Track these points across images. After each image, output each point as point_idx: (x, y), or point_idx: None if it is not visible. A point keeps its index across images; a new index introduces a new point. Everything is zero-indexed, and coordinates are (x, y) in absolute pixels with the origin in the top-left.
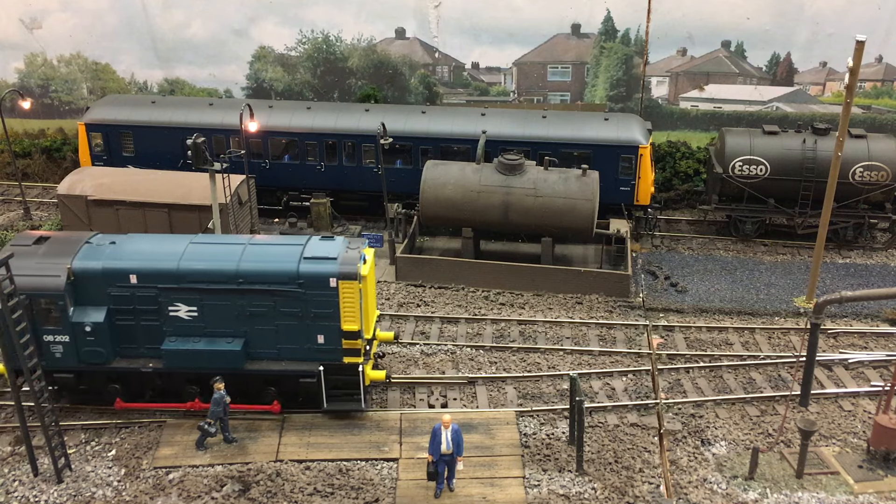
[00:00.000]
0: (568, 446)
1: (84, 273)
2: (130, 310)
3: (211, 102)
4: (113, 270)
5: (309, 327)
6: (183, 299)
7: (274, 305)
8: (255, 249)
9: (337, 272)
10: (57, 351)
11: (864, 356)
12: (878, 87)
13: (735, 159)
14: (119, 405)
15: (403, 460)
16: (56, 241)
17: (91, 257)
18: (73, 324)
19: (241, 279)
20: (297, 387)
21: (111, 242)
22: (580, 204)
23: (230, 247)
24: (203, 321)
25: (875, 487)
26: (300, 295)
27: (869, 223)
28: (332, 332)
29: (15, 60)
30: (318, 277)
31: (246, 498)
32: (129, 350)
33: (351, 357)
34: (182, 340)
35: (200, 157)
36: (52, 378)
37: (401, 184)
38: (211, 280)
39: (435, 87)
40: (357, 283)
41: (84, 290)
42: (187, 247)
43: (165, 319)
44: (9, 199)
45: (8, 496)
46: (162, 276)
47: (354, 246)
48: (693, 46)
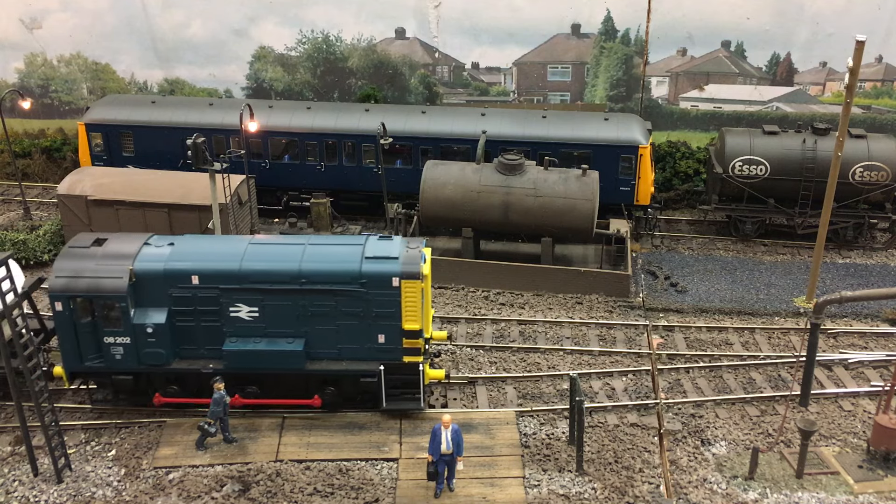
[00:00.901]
0: (568, 446)
1: (146, 274)
2: (191, 311)
3: (211, 102)
4: (175, 271)
5: (370, 327)
6: (244, 300)
7: (335, 305)
8: (315, 249)
9: (399, 271)
10: (117, 352)
11: (864, 356)
12: (878, 87)
13: (735, 159)
14: (158, 400)
15: (403, 460)
16: (114, 243)
17: (152, 259)
18: (135, 325)
19: (304, 279)
20: (356, 386)
21: (170, 244)
22: (580, 204)
23: (290, 247)
24: (264, 321)
25: (875, 487)
26: (362, 294)
27: (869, 223)
28: (393, 331)
29: (15, 60)
30: (380, 277)
31: (246, 498)
32: (188, 351)
33: (411, 356)
34: (243, 341)
35: (200, 157)
36: (111, 379)
37: (401, 184)
38: (273, 280)
39: (435, 87)
40: (419, 282)
41: (145, 291)
42: (247, 247)
43: (226, 320)
44: (9, 199)
45: (8, 496)
46: (224, 277)
47: (414, 245)
48: (693, 46)
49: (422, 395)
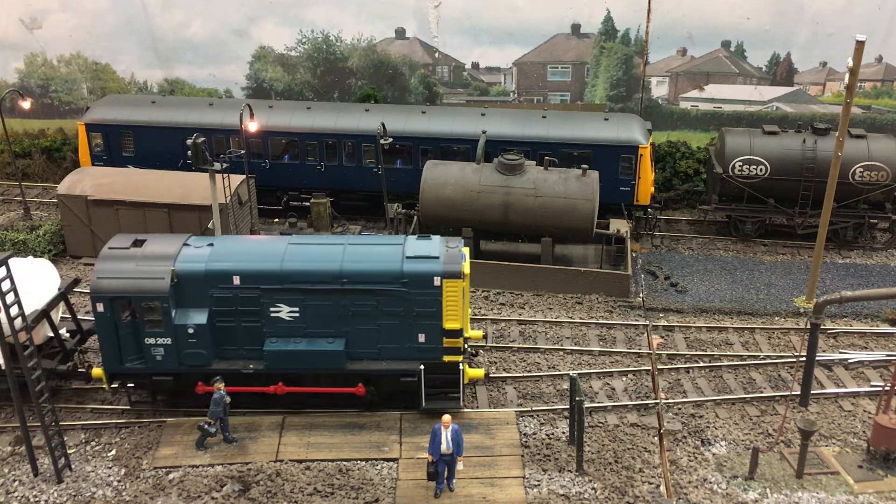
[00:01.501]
0: (568, 446)
1: (187, 275)
2: (232, 311)
3: (211, 102)
4: (216, 272)
5: (410, 326)
6: (285, 300)
7: (376, 305)
8: (356, 249)
9: (441, 271)
10: (158, 353)
11: (864, 356)
12: (878, 87)
13: (735, 159)
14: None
15: (403, 460)
16: (154, 243)
17: (193, 259)
18: (176, 326)
19: (345, 279)
20: (396, 386)
21: (209, 244)
22: (580, 204)
23: (331, 247)
24: (304, 321)
25: (875, 487)
26: (404, 294)
27: (869, 223)
28: (434, 330)
29: (15, 60)
30: (422, 276)
31: (246, 498)
32: (227, 352)
33: (451, 356)
34: (283, 341)
35: (200, 157)
36: (151, 381)
37: (401, 184)
38: (315, 280)
39: (435, 87)
40: (461, 281)
41: (186, 292)
42: (287, 247)
43: (266, 320)
44: (9, 199)
45: (8, 496)
46: (265, 277)
47: (453, 245)
48: (693, 46)
49: (461, 394)
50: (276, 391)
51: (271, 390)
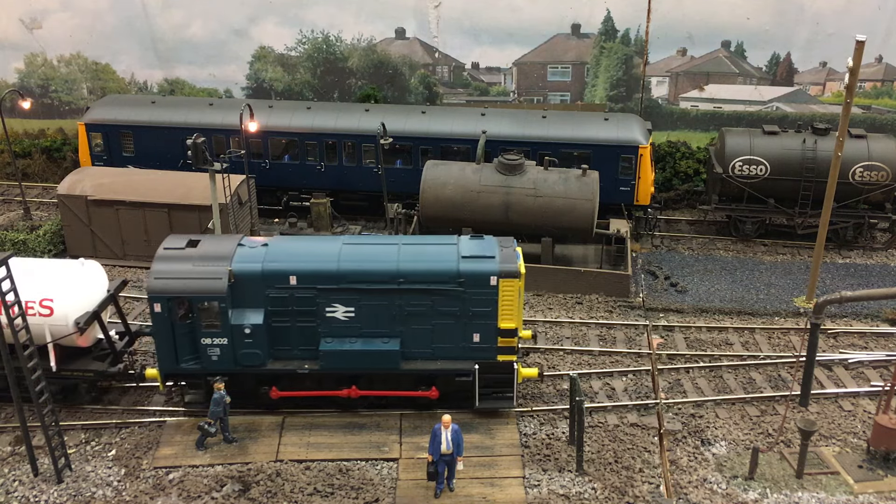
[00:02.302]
0: (568, 446)
1: (244, 275)
2: (287, 311)
3: (211, 102)
4: (273, 272)
5: (465, 326)
6: (341, 300)
7: (432, 305)
8: (411, 249)
9: (497, 270)
10: (214, 354)
11: (864, 356)
12: (878, 87)
13: (735, 159)
14: (275, 394)
15: (403, 460)
16: (208, 244)
17: (249, 259)
18: (233, 326)
19: (402, 279)
20: (450, 385)
21: (264, 244)
22: (580, 204)
23: (385, 247)
24: (359, 321)
25: (875, 487)
26: (460, 294)
27: (869, 223)
28: (489, 330)
29: (15, 60)
30: (478, 276)
31: (246, 498)
32: (282, 352)
33: (505, 355)
34: (339, 341)
35: (200, 157)
36: (206, 381)
37: (401, 184)
38: (371, 280)
39: (435, 87)
40: (518, 280)
41: (243, 292)
42: (342, 248)
43: (322, 320)
44: (9, 199)
45: (8, 496)
46: (322, 277)
47: (507, 244)
48: (693, 46)
49: (514, 393)
50: (350, 395)
51: (344, 394)
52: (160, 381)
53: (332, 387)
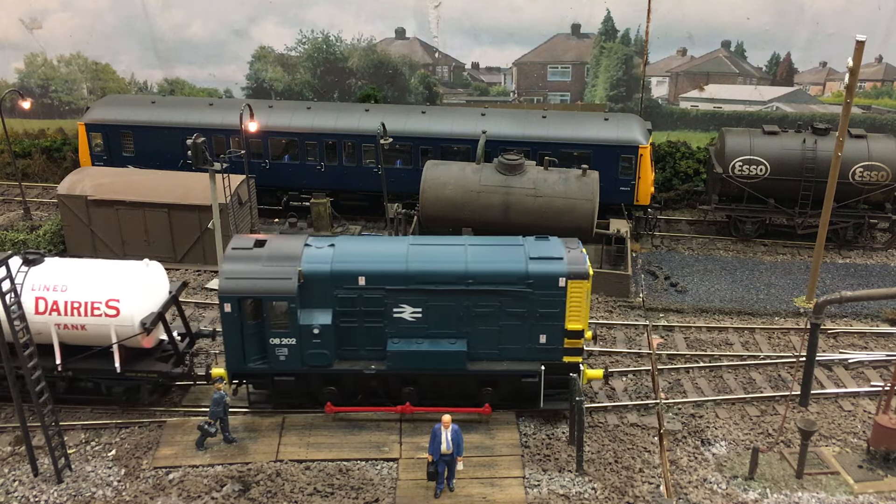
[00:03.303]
0: (568, 446)
1: (313, 275)
2: (355, 312)
3: (211, 102)
4: (342, 273)
5: (532, 327)
6: (409, 300)
7: (499, 306)
8: (478, 250)
9: (566, 272)
10: (282, 354)
11: (864, 356)
12: (878, 87)
13: (735, 159)
14: (329, 409)
15: (403, 460)
16: (275, 244)
17: (317, 260)
18: (301, 326)
19: (471, 280)
20: (516, 387)
21: (330, 245)
22: (580, 204)
23: (453, 248)
24: (426, 322)
25: (875, 487)
26: (528, 295)
27: (869, 223)
28: (556, 331)
29: (15, 60)
30: (547, 277)
31: (246, 498)
32: (348, 352)
33: (571, 356)
34: (406, 342)
35: (200, 157)
36: (273, 381)
37: (401, 184)
38: (440, 281)
39: (435, 87)
40: (587, 282)
41: (311, 292)
42: (409, 248)
43: (389, 321)
44: (9, 199)
45: (8, 496)
46: (391, 278)
47: (574, 246)
48: (693, 46)
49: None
50: (403, 411)
51: (398, 410)
52: (227, 381)
53: (396, 388)
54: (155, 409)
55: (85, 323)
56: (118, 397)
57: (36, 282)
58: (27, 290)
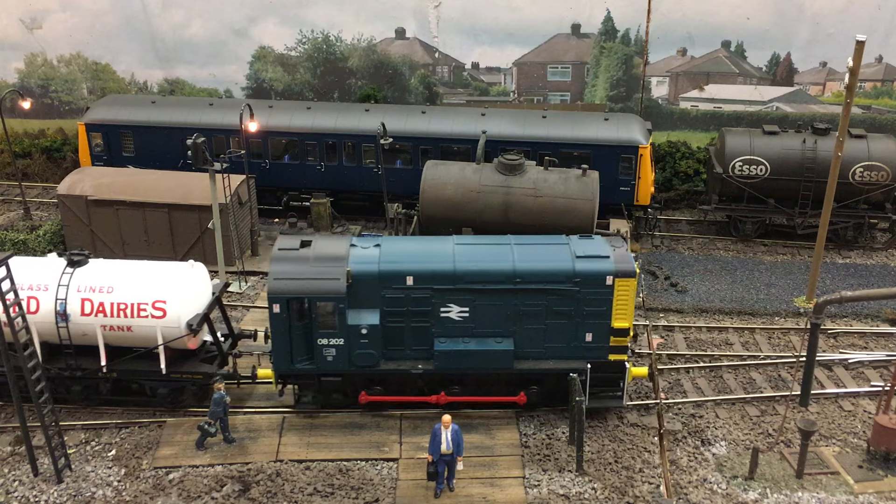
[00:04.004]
0: (568, 446)
1: (361, 276)
2: (402, 311)
3: (211, 102)
4: (390, 273)
5: (578, 325)
6: (456, 300)
7: (546, 304)
8: (524, 249)
9: (613, 270)
10: (329, 354)
11: (864, 356)
12: (878, 87)
13: (735, 159)
14: (363, 398)
15: (403, 460)
16: (321, 245)
17: (365, 260)
18: (349, 327)
19: (519, 279)
20: (560, 385)
21: (376, 245)
22: (580, 204)
23: (499, 247)
24: (473, 321)
25: (875, 487)
26: (575, 293)
27: (869, 223)
28: (602, 329)
29: (15, 60)
30: (595, 275)
31: (246, 498)
32: (394, 352)
33: (616, 354)
34: (452, 341)
35: (200, 157)
36: (320, 381)
37: (401, 184)
38: (488, 280)
39: (435, 87)
40: (634, 280)
41: (359, 292)
42: (455, 248)
43: (436, 320)
44: (9, 199)
45: (8, 496)
46: (439, 278)
47: (618, 244)
48: (693, 46)
49: (625, 392)
50: (438, 401)
51: (433, 400)
52: (274, 381)
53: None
54: (155, 408)
55: (131, 324)
56: (163, 399)
57: (82, 283)
58: (73, 292)
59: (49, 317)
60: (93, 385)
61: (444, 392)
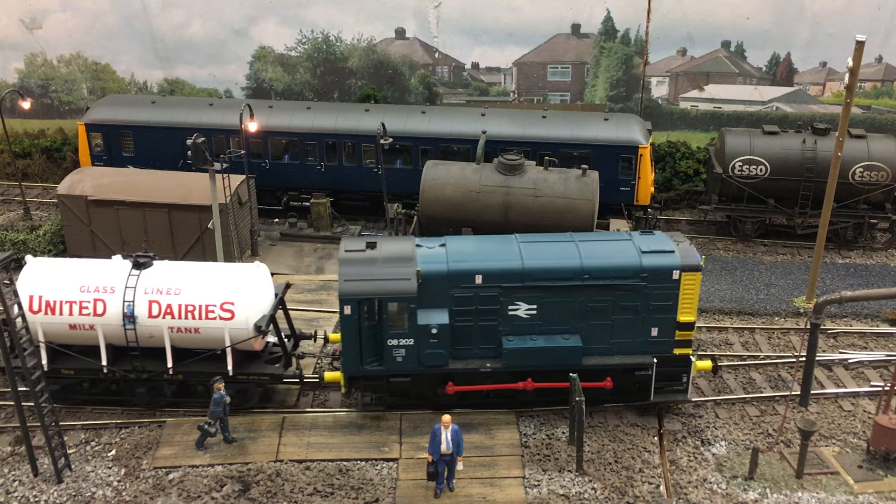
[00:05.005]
0: (568, 446)
1: (431, 276)
2: (471, 310)
3: (211, 102)
4: (459, 272)
5: (644, 320)
6: (524, 298)
7: (613, 300)
8: (589, 246)
9: (679, 264)
10: (399, 355)
11: (864, 356)
12: (878, 87)
13: (735, 159)
14: (451, 389)
15: (403, 460)
16: (387, 246)
17: (433, 260)
18: (420, 327)
19: (587, 275)
20: (625, 380)
21: (441, 245)
22: (580, 204)
23: (564, 244)
24: (541, 319)
25: (875, 487)
26: (642, 289)
27: (869, 223)
28: (667, 323)
29: (15, 60)
30: (662, 270)
31: (246, 498)
32: (462, 351)
33: (682, 348)
34: (520, 339)
35: (200, 157)
36: (388, 382)
37: (401, 184)
38: (556, 277)
39: (435, 87)
40: (699, 274)
41: (429, 292)
42: (521, 245)
43: (503, 319)
44: (9, 199)
45: (8, 496)
46: (507, 276)
47: (680, 239)
48: (693, 46)
49: (689, 386)
50: (525, 387)
51: (520, 386)
52: (342, 383)
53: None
54: (155, 408)
55: (199, 326)
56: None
57: (148, 285)
58: (140, 294)
59: (116, 319)
60: (157, 387)
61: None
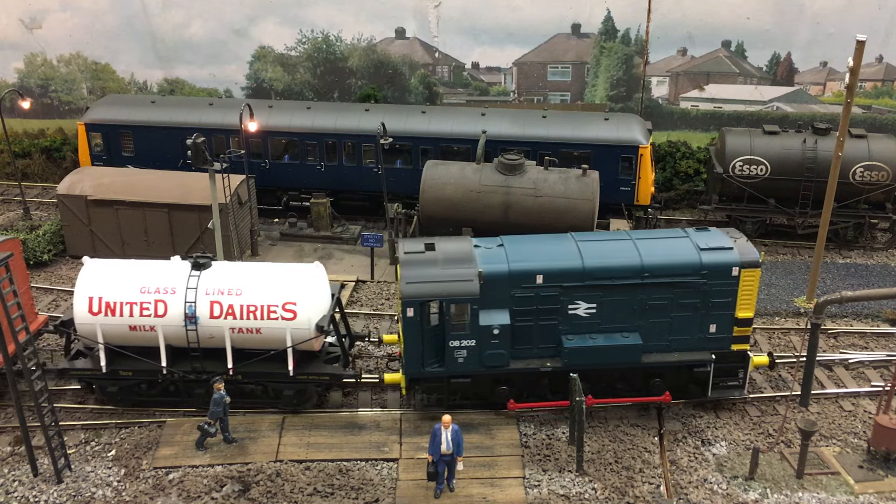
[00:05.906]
0: (568, 446)
1: (491, 276)
2: (531, 310)
3: (211, 102)
4: (520, 272)
5: (703, 317)
6: (584, 297)
7: (673, 298)
8: (648, 244)
9: (738, 261)
10: (460, 356)
11: (864, 356)
12: (878, 87)
13: (735, 159)
14: (512, 406)
15: (403, 460)
16: (445, 247)
17: (493, 260)
18: (482, 327)
19: (647, 273)
20: (683, 377)
21: (499, 245)
22: (580, 204)
23: (622, 242)
24: (600, 317)
25: (875, 487)
26: (701, 286)
27: (869, 223)
28: (725, 320)
29: (15, 60)
30: (721, 267)
31: (246, 498)
32: (522, 351)
33: (739, 344)
34: (580, 338)
35: (200, 157)
36: (449, 383)
37: (401, 184)
38: (616, 276)
39: (435, 87)
40: (759, 270)
41: (490, 293)
42: (579, 244)
43: (563, 318)
44: (9, 199)
45: (8, 496)
46: (568, 275)
47: (737, 235)
48: (693, 46)
49: (746, 382)
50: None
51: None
52: (403, 385)
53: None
54: (155, 409)
55: (260, 326)
56: (287, 400)
57: (209, 286)
58: (201, 294)
59: (178, 320)
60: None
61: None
